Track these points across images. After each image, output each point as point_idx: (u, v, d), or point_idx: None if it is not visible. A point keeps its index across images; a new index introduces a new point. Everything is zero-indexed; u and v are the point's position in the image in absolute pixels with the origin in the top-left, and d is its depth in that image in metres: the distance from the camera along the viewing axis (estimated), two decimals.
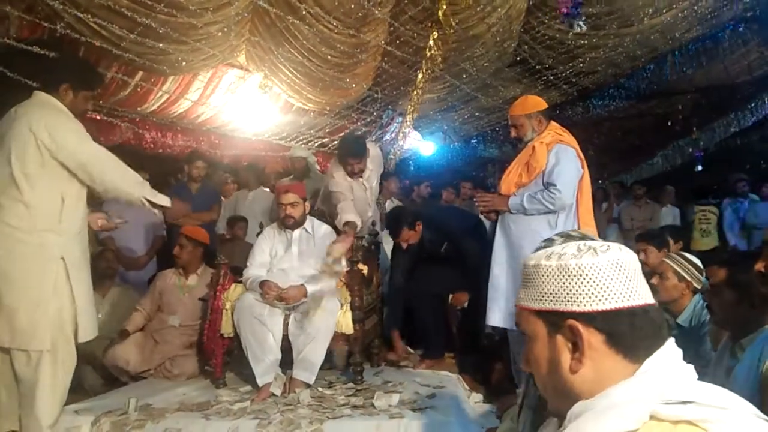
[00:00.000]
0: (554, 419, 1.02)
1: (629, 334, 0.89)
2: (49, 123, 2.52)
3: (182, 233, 3.97)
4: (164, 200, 2.82)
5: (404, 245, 3.92)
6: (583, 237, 1.79)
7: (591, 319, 0.89)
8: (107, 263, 4.19)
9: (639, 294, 0.91)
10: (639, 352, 0.89)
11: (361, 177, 4.11)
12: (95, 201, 2.80)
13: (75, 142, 2.57)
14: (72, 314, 2.57)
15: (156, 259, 5.01)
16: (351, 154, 4.01)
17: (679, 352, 0.93)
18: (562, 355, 0.92)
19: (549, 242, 1.76)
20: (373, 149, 4.30)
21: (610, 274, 0.91)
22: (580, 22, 5.21)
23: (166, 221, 4.64)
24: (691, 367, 0.92)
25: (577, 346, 0.90)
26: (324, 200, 4.31)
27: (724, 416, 0.79)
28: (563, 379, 0.91)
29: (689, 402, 0.80)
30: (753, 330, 1.96)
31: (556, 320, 0.92)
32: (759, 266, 1.40)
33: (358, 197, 4.10)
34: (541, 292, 0.94)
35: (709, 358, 2.42)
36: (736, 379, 1.89)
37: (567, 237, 1.78)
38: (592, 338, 0.89)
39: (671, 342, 0.93)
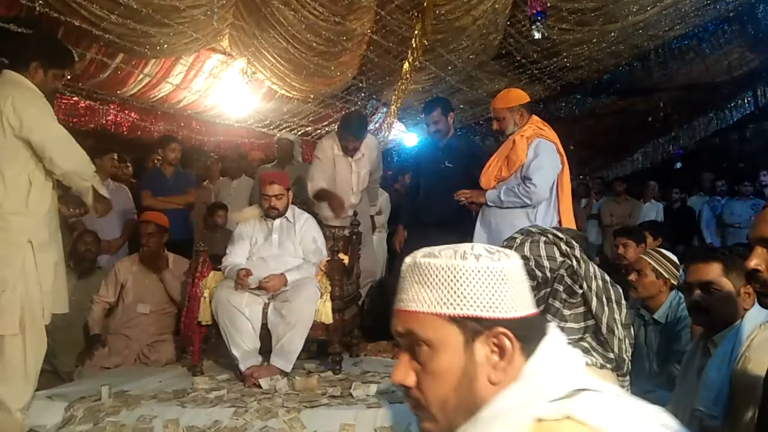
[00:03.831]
0: None
1: (536, 339, 0.88)
2: (16, 100, 2.47)
3: (146, 220, 3.93)
4: (105, 192, 2.78)
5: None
6: (543, 231, 1.80)
7: (514, 326, 0.86)
8: (86, 246, 4.12)
9: (533, 300, 0.91)
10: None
11: (352, 157, 4.13)
12: (65, 185, 2.74)
13: (39, 121, 2.52)
14: (40, 297, 2.53)
15: (128, 243, 4.93)
16: (348, 130, 4.06)
17: (563, 339, 0.91)
18: (481, 366, 0.85)
19: (510, 240, 1.77)
20: (371, 140, 4.34)
21: (522, 279, 0.89)
22: (540, 30, 5.20)
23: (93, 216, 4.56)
24: (577, 351, 0.92)
25: (503, 355, 0.85)
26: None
27: (599, 402, 0.78)
28: (478, 392, 0.84)
29: (571, 396, 0.79)
30: (725, 326, 2.00)
31: (478, 327, 0.85)
32: (756, 263, 1.35)
33: (342, 175, 4.13)
34: (458, 296, 0.85)
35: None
36: (708, 375, 1.91)
37: (527, 233, 1.79)
38: (515, 346, 0.85)
39: (554, 331, 0.90)
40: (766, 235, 1.35)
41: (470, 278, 0.85)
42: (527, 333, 0.87)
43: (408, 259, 0.91)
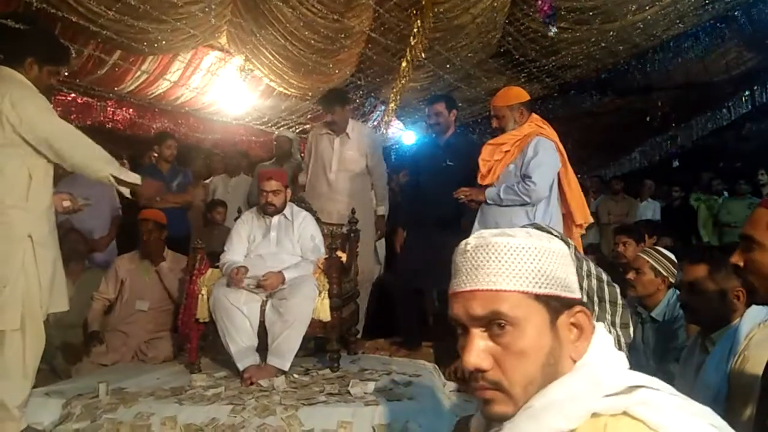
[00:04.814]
0: None
1: (593, 327, 0.92)
2: (14, 97, 2.46)
3: (144, 218, 3.89)
4: (134, 178, 2.72)
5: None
6: (539, 229, 1.81)
7: (585, 307, 0.91)
8: (72, 245, 4.05)
9: None
10: None
11: (335, 134, 4.22)
12: (58, 181, 2.72)
13: (39, 117, 2.50)
14: (39, 293, 2.52)
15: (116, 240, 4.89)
16: (320, 100, 4.37)
17: (610, 338, 0.94)
18: (565, 344, 0.87)
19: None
20: (363, 127, 4.51)
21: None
22: (553, 26, 5.28)
23: (138, 203, 4.52)
24: (622, 354, 0.94)
25: (582, 334, 0.88)
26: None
27: (655, 399, 0.78)
28: (562, 370, 0.86)
29: (627, 392, 0.79)
30: (724, 324, 2.00)
31: (559, 306, 0.87)
32: (735, 259, 1.39)
33: (321, 152, 4.25)
34: (543, 274, 0.86)
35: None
36: (706, 373, 1.92)
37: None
38: (592, 325, 0.90)
39: (601, 328, 0.93)
40: (745, 234, 1.38)
41: (551, 258, 0.88)
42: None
43: (474, 240, 0.90)
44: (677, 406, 0.78)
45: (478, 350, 0.86)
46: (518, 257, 0.86)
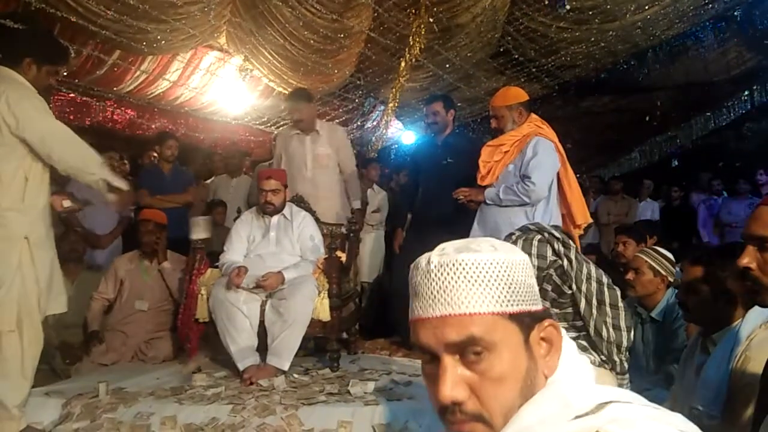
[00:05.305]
0: None
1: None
2: (11, 97, 2.46)
3: (145, 219, 3.90)
4: (122, 183, 2.71)
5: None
6: (541, 230, 1.80)
7: (552, 318, 0.87)
8: (71, 245, 4.05)
9: None
10: None
11: (303, 132, 4.21)
12: (60, 181, 2.71)
13: (36, 117, 2.50)
14: (37, 294, 2.52)
15: (122, 240, 4.89)
16: (286, 99, 4.50)
17: (573, 345, 0.90)
18: (539, 362, 0.82)
19: (509, 237, 1.78)
20: (332, 125, 4.57)
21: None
22: (565, 5, 5.27)
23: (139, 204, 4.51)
24: (586, 359, 0.91)
25: (551, 347, 0.84)
26: None
27: (626, 414, 0.76)
28: (535, 388, 0.81)
29: (596, 410, 0.77)
30: (724, 325, 2.00)
31: (530, 322, 0.82)
32: (746, 261, 1.35)
33: (294, 151, 4.25)
34: (514, 291, 0.81)
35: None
36: (707, 373, 1.92)
37: (525, 231, 1.79)
38: (561, 336, 0.86)
39: (563, 336, 0.89)
40: (757, 234, 1.35)
41: (518, 271, 0.82)
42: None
43: (437, 258, 0.83)
44: (651, 416, 0.76)
45: (454, 381, 0.78)
46: (488, 275, 0.79)
